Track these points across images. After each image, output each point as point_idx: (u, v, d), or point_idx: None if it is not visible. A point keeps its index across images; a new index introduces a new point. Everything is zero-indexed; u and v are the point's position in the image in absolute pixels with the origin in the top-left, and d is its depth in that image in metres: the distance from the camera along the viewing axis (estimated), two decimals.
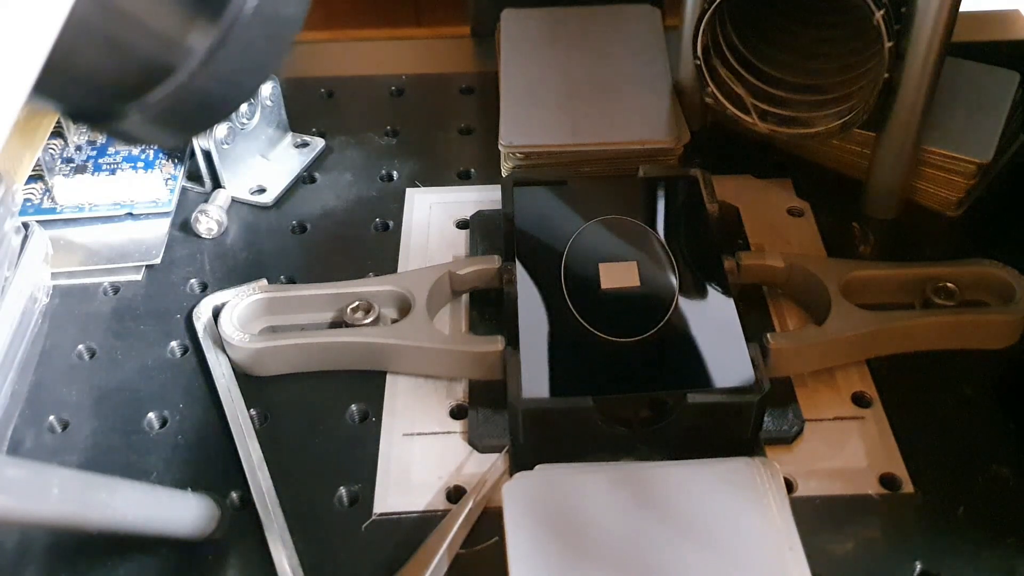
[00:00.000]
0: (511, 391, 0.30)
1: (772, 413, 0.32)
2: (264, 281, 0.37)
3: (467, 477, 0.31)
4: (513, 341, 0.32)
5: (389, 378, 0.34)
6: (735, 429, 0.30)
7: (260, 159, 0.43)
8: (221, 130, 0.40)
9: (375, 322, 0.34)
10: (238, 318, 0.34)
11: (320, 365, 0.34)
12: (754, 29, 0.39)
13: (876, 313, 0.33)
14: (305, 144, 0.44)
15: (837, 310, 0.33)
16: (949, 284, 0.35)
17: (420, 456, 0.32)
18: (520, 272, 0.34)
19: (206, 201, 0.40)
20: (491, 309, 0.36)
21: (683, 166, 0.40)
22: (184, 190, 0.42)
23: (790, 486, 0.30)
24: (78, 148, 0.42)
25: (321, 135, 0.45)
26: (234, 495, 0.31)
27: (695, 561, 0.26)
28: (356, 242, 0.40)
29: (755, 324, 0.34)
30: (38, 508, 0.24)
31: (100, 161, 0.41)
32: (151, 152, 0.42)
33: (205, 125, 0.23)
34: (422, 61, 0.50)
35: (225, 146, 0.40)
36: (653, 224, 0.36)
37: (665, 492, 0.28)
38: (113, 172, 0.40)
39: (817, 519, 0.29)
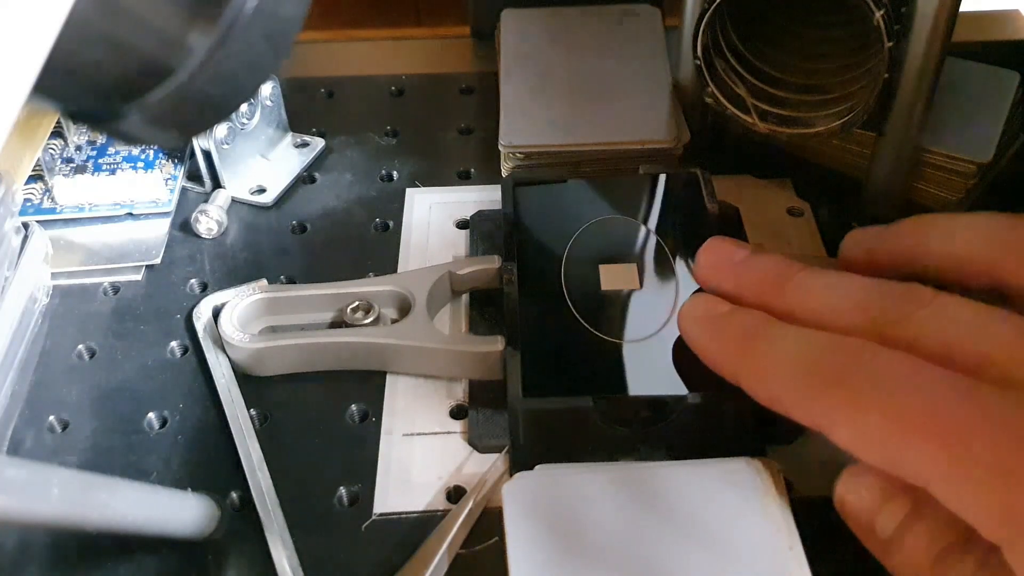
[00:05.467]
0: (511, 391, 0.30)
1: (772, 412, 0.32)
2: (264, 281, 0.37)
3: (467, 477, 0.31)
4: (513, 341, 0.32)
5: (389, 378, 0.34)
6: (735, 429, 0.30)
7: (260, 159, 0.43)
8: (221, 130, 0.40)
9: (375, 322, 0.34)
10: (238, 318, 0.34)
11: (320, 365, 0.34)
12: (754, 29, 0.39)
13: None
14: (305, 144, 0.44)
15: None
16: None
17: (420, 456, 0.32)
18: (520, 272, 0.34)
19: (206, 201, 0.40)
20: (491, 309, 0.36)
21: (683, 166, 0.40)
22: (184, 190, 0.42)
23: (790, 486, 0.30)
24: (78, 148, 0.42)
25: (321, 135, 0.45)
26: (234, 495, 0.31)
27: (695, 561, 0.26)
28: (356, 242, 0.40)
29: None
30: (38, 508, 0.24)
31: (100, 161, 0.41)
32: (151, 152, 0.42)
33: (205, 125, 0.23)
34: (422, 61, 0.50)
35: (225, 146, 0.40)
36: (653, 224, 0.36)
37: (665, 492, 0.28)
38: (113, 172, 0.40)
39: (817, 519, 0.29)
